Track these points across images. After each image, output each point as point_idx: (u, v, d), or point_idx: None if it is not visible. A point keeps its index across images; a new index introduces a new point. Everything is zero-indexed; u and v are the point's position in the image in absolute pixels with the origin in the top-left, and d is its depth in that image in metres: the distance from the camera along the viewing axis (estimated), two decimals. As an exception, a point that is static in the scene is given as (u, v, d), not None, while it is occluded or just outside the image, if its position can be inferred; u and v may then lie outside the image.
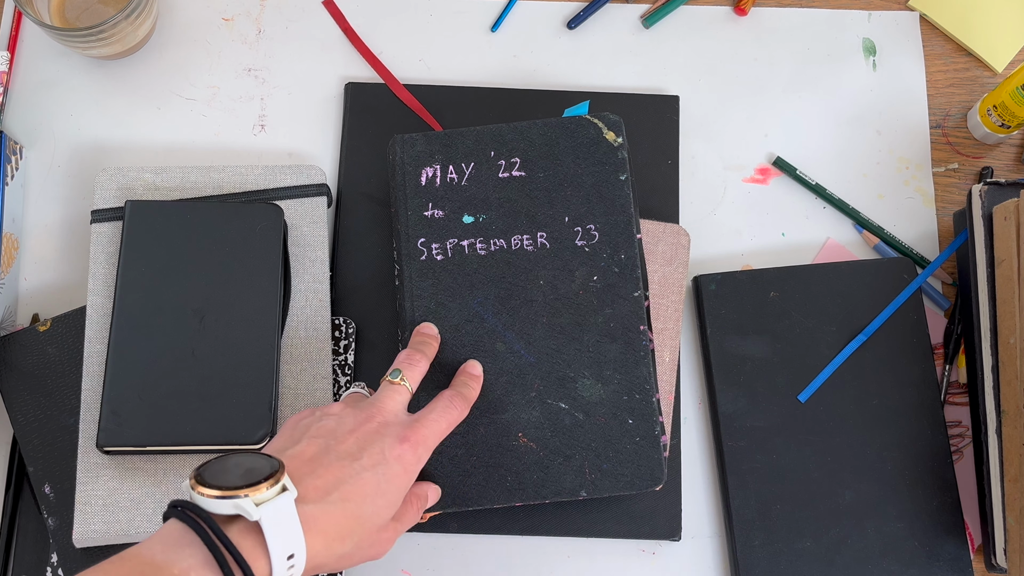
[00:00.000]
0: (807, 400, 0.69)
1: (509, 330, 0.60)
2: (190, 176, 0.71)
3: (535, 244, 0.62)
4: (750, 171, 0.77)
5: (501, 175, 0.63)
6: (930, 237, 0.75)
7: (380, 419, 0.53)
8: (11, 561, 0.65)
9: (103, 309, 0.67)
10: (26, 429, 0.66)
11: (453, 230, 0.62)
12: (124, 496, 0.63)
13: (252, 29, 0.79)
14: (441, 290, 0.61)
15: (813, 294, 0.71)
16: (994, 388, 0.66)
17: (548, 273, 0.61)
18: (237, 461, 0.47)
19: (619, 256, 0.62)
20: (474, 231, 0.62)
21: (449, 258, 0.61)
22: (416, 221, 0.62)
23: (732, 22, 0.80)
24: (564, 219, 0.62)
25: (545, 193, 0.63)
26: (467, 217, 0.62)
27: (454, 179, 0.63)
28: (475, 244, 0.62)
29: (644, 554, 0.68)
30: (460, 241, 0.61)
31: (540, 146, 0.64)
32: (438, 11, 0.80)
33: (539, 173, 0.63)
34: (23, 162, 0.74)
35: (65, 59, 0.77)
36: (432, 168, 0.63)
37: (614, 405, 0.60)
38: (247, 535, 0.44)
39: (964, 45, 0.80)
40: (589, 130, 0.64)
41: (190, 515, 0.44)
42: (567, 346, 0.60)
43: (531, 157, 0.64)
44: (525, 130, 0.64)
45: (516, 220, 0.62)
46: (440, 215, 0.62)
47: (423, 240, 0.62)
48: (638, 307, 0.61)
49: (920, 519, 0.67)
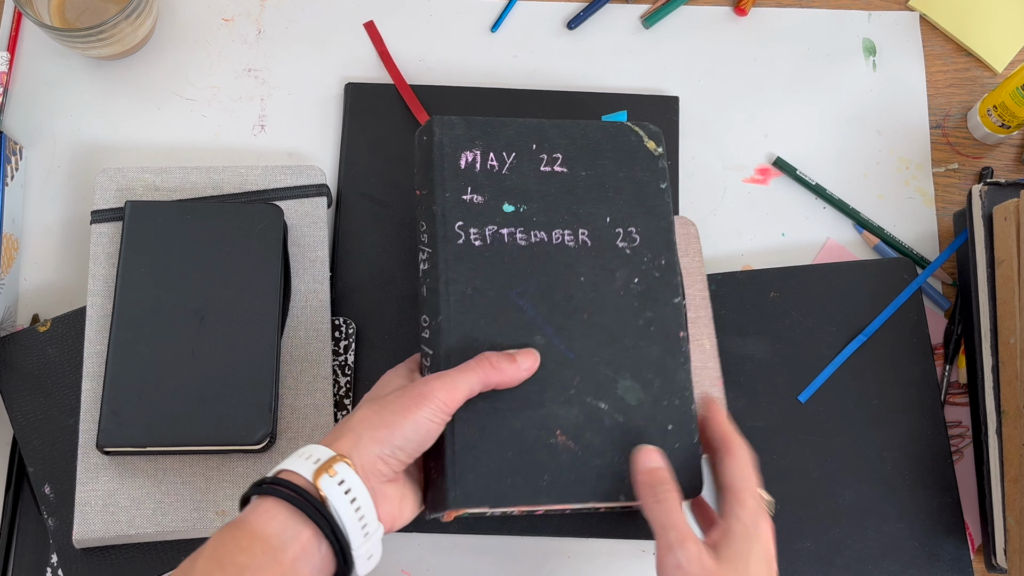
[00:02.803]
0: (807, 400, 0.69)
1: (548, 324, 0.58)
2: (190, 176, 0.71)
3: (576, 240, 0.60)
4: (750, 171, 0.77)
5: (543, 168, 0.61)
6: (930, 237, 0.75)
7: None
8: (11, 561, 0.65)
9: (103, 309, 0.67)
10: (26, 429, 0.66)
11: (493, 217, 0.60)
12: (124, 496, 0.63)
13: (252, 29, 0.79)
14: (478, 276, 0.58)
15: (813, 294, 0.71)
16: (994, 388, 0.66)
17: (589, 271, 0.60)
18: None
19: (660, 261, 0.61)
20: (515, 220, 0.60)
21: (488, 245, 0.59)
22: (454, 204, 0.59)
23: (732, 22, 0.80)
24: (606, 219, 0.61)
25: (586, 191, 0.61)
26: (508, 206, 0.60)
27: (494, 166, 0.61)
28: (515, 234, 0.60)
29: (644, 554, 0.68)
30: (500, 229, 0.59)
31: (582, 145, 0.62)
32: (438, 11, 0.80)
33: (581, 171, 0.62)
34: (23, 162, 0.74)
35: (65, 59, 0.77)
36: (472, 153, 0.61)
37: (654, 409, 0.58)
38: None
39: (964, 45, 0.80)
40: (630, 137, 0.63)
41: (289, 493, 0.47)
42: (608, 346, 0.58)
43: (573, 154, 0.62)
44: (567, 128, 0.63)
45: (557, 214, 0.60)
46: (480, 200, 0.60)
47: (461, 223, 0.59)
48: (678, 313, 0.60)
49: (920, 519, 0.67)
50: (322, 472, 0.48)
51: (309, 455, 0.49)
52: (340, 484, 0.48)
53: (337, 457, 0.48)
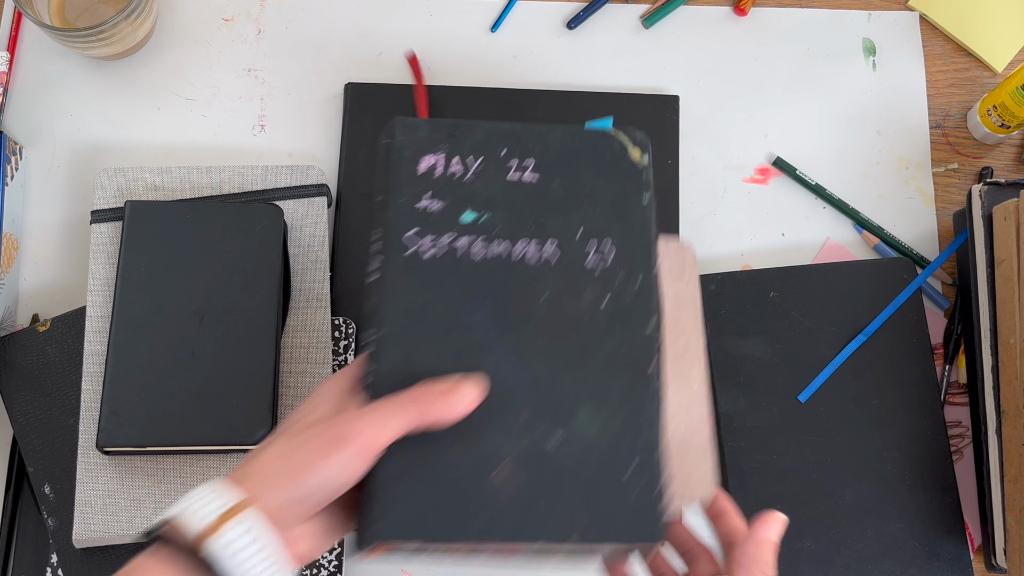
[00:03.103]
0: (807, 400, 0.69)
1: (501, 345, 0.53)
2: (190, 176, 0.71)
3: (541, 254, 0.55)
4: (750, 171, 0.77)
5: (512, 175, 0.57)
6: (930, 237, 0.75)
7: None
8: (11, 561, 0.65)
9: (103, 309, 0.67)
10: (26, 429, 0.66)
11: (450, 226, 0.55)
12: (124, 496, 0.63)
13: (252, 29, 0.79)
14: (427, 290, 0.53)
15: (813, 294, 0.71)
16: (994, 388, 0.66)
17: (553, 288, 0.54)
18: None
19: (634, 282, 0.55)
20: (474, 230, 0.55)
21: (441, 257, 0.54)
22: (408, 211, 0.55)
23: (732, 22, 0.80)
24: (577, 232, 0.55)
25: (558, 202, 0.56)
26: (468, 214, 0.55)
27: (457, 172, 0.56)
28: (473, 245, 0.55)
29: (644, 554, 0.68)
30: (456, 240, 0.55)
31: (558, 152, 0.58)
32: (438, 11, 0.80)
33: (555, 180, 0.57)
34: (23, 162, 0.74)
35: (65, 59, 0.77)
36: (435, 157, 0.56)
37: (614, 446, 0.52)
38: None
39: (964, 45, 0.80)
40: (613, 145, 0.58)
41: (182, 547, 0.42)
42: (566, 373, 0.53)
43: (547, 161, 0.57)
44: (544, 134, 0.58)
45: (523, 225, 0.55)
46: (437, 208, 0.55)
47: (415, 231, 0.54)
48: (650, 343, 0.54)
49: (920, 519, 0.67)
50: (224, 520, 0.42)
51: (209, 501, 0.43)
52: (246, 534, 0.43)
53: (242, 504, 0.43)
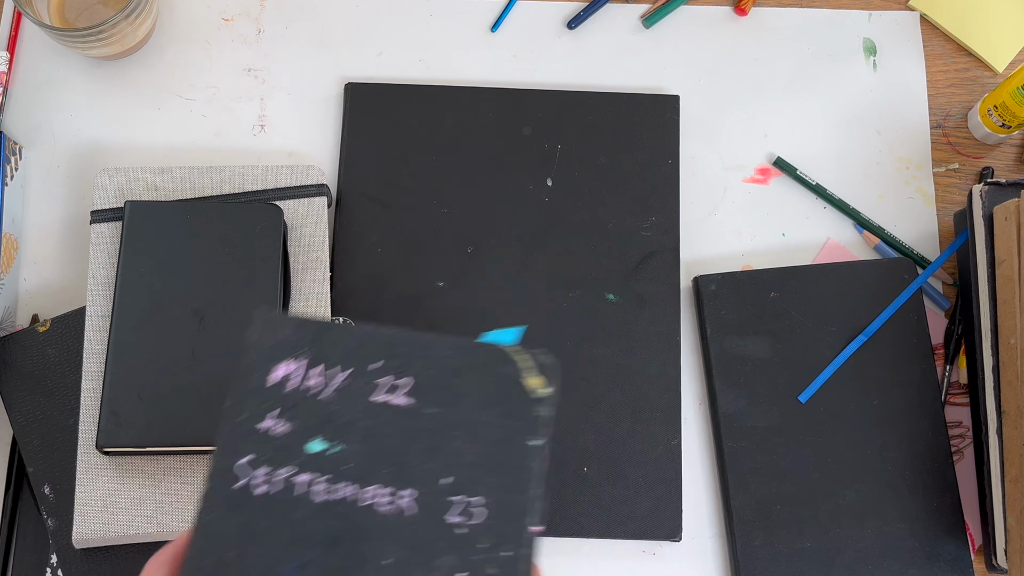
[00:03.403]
0: (807, 400, 0.69)
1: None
2: (190, 176, 0.71)
3: (394, 505, 0.45)
4: (750, 171, 0.77)
5: (376, 398, 0.46)
6: (930, 237, 0.75)
7: None
8: (11, 561, 0.65)
9: (103, 309, 0.67)
10: (26, 429, 0.66)
11: (292, 457, 0.45)
12: (124, 496, 0.63)
13: (252, 29, 0.79)
14: (248, 537, 0.44)
15: (813, 294, 0.71)
16: (994, 388, 0.66)
17: (400, 550, 0.44)
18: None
19: (500, 553, 0.45)
20: (319, 465, 0.45)
21: (275, 494, 0.44)
22: (246, 432, 0.45)
23: (732, 22, 0.80)
24: (442, 480, 0.45)
25: (427, 437, 0.46)
26: (317, 443, 0.45)
27: (315, 387, 0.46)
28: (315, 484, 0.45)
29: (644, 554, 0.68)
30: (296, 475, 0.44)
31: (440, 372, 0.47)
32: (438, 11, 0.80)
33: (430, 408, 0.46)
34: (23, 162, 0.74)
35: (65, 59, 0.77)
36: (293, 364, 0.47)
37: None
38: None
39: (964, 45, 0.80)
40: (505, 368, 0.47)
41: None
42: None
43: (426, 382, 0.46)
44: (428, 345, 0.47)
45: (378, 465, 0.45)
46: (281, 431, 0.45)
47: (249, 459, 0.45)
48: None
49: (920, 519, 0.67)
50: None
51: None
52: None
53: None
